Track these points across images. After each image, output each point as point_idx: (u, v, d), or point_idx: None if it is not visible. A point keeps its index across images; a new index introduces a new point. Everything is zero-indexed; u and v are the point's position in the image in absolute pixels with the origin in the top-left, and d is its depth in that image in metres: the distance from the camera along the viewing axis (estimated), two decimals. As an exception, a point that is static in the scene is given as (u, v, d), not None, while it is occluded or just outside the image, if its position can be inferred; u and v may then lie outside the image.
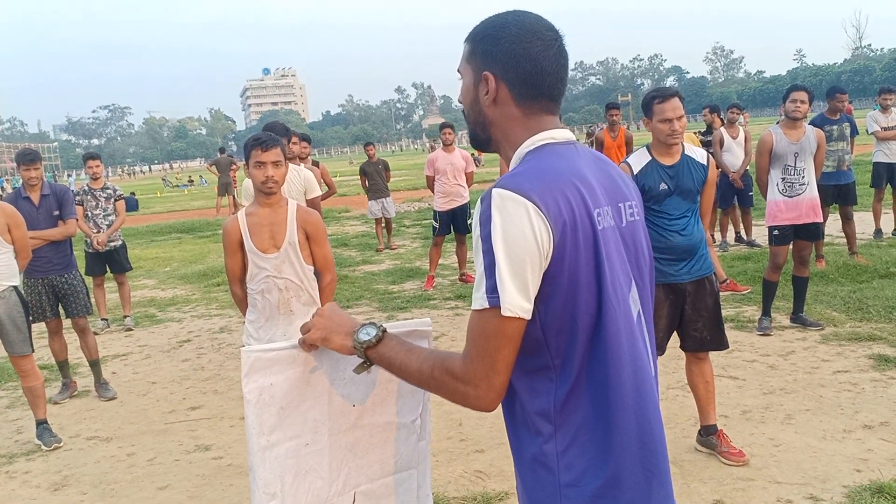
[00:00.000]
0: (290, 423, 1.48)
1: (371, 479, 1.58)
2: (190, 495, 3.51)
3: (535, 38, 1.27)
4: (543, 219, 1.15)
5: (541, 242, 1.15)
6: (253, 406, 1.44)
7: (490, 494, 3.21)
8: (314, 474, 1.51)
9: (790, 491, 3.06)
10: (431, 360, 1.26)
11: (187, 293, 8.67)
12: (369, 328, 1.35)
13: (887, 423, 3.62)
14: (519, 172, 1.22)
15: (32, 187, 4.98)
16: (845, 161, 6.95)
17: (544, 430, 1.24)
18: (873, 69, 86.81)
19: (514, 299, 1.15)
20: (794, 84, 5.36)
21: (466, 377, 1.20)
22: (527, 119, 1.30)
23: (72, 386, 5.19)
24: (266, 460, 1.47)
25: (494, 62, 1.29)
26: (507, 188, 1.17)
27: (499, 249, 1.15)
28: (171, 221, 17.65)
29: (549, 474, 1.24)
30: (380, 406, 1.56)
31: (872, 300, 5.64)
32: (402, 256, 10.04)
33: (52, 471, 3.93)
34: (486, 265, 1.16)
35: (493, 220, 1.16)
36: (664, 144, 3.32)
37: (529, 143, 1.29)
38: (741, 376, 4.46)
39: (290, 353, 1.46)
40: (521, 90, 1.28)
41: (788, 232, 5.17)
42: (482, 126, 1.34)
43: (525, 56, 1.27)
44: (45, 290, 4.98)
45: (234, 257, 2.97)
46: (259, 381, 1.44)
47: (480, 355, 1.18)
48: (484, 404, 1.21)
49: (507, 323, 1.16)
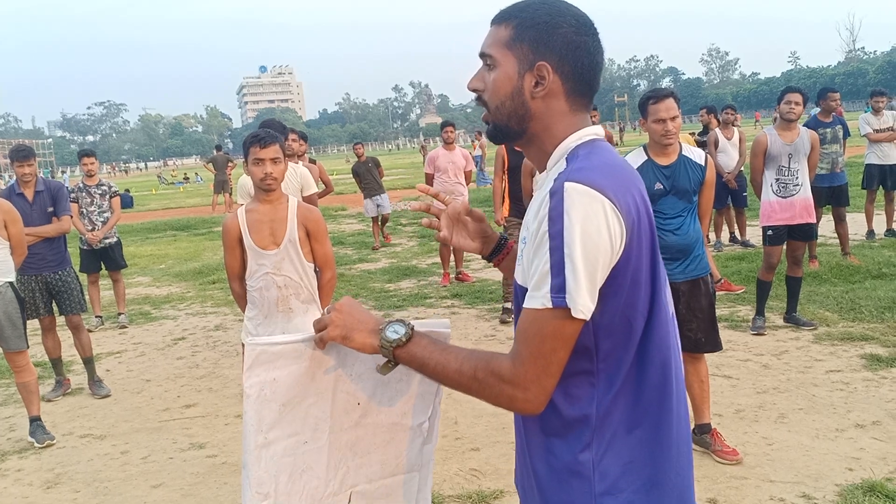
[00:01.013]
0: (290, 421, 1.42)
1: (370, 479, 1.52)
2: (184, 493, 3.51)
3: (590, 31, 1.21)
4: (619, 216, 1.10)
5: (614, 241, 1.10)
6: (253, 401, 1.39)
7: (485, 493, 3.22)
8: (310, 473, 1.46)
9: (783, 489, 3.08)
10: (473, 360, 1.18)
11: (182, 291, 8.65)
12: (397, 326, 1.27)
13: (879, 423, 3.65)
14: (588, 167, 1.14)
15: (26, 184, 4.96)
16: (838, 163, 6.99)
17: (582, 437, 1.17)
18: (866, 72, 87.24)
19: (587, 301, 1.09)
20: (788, 86, 5.38)
21: (516, 380, 1.13)
22: (572, 115, 1.23)
23: (65, 384, 5.18)
24: (262, 459, 1.41)
25: (551, 52, 1.19)
26: (582, 182, 1.09)
27: (573, 247, 1.07)
28: (167, 219, 17.60)
29: (584, 483, 1.18)
30: (386, 406, 1.49)
31: (865, 300, 5.67)
32: (399, 255, 10.04)
33: (44, 469, 3.92)
34: (554, 263, 1.08)
35: (567, 216, 1.08)
36: (659, 144, 3.33)
37: (576, 137, 1.22)
38: (735, 375, 4.48)
39: (296, 346, 1.39)
40: (573, 84, 1.21)
41: (782, 232, 5.19)
42: (519, 119, 1.23)
43: (584, 51, 1.19)
44: (38, 286, 4.97)
45: (233, 254, 2.97)
46: (262, 376, 1.38)
47: (534, 357, 1.12)
48: (532, 408, 1.15)
49: (568, 325, 1.10)
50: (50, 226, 4.97)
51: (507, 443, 3.67)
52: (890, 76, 79.73)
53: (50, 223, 4.99)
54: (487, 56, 1.24)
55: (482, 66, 1.25)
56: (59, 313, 5.09)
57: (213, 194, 19.03)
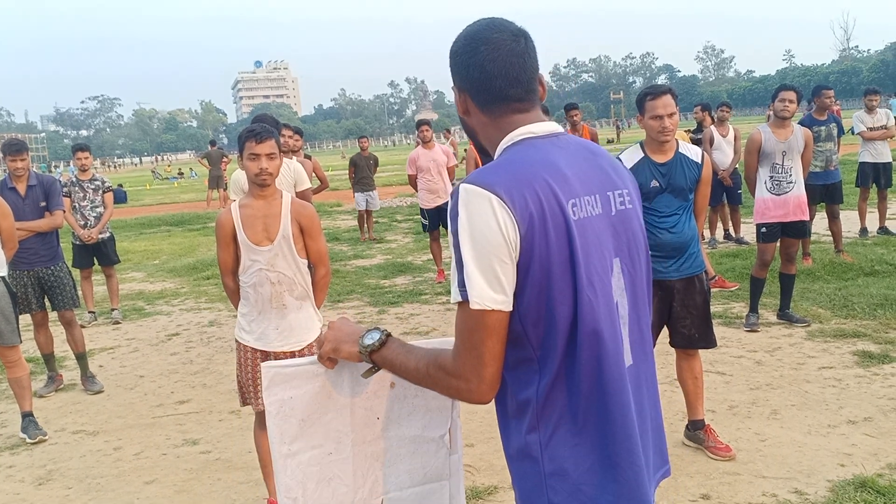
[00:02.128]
0: (312, 434, 1.50)
1: (400, 487, 1.57)
2: (177, 489, 3.50)
3: (480, 45, 1.28)
4: (508, 211, 1.16)
5: (506, 234, 1.16)
6: (274, 417, 1.48)
7: (479, 488, 3.22)
8: (338, 481, 1.53)
9: (775, 485, 3.09)
10: (427, 358, 1.28)
11: (176, 286, 8.62)
12: (373, 333, 1.37)
13: (871, 419, 3.67)
14: (487, 167, 1.24)
15: (19, 178, 4.93)
16: (832, 161, 7.01)
17: (529, 420, 1.25)
18: (860, 70, 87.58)
19: (483, 292, 1.16)
20: (783, 84, 5.40)
21: (457, 371, 1.21)
22: (497, 122, 1.32)
23: (57, 379, 5.15)
24: (287, 467, 1.49)
25: (456, 76, 1.34)
26: (472, 183, 1.20)
27: (465, 243, 1.17)
28: (161, 214, 17.52)
29: (534, 464, 1.25)
30: (406, 420, 1.56)
31: (857, 297, 5.69)
32: (394, 251, 10.04)
33: (36, 465, 3.90)
34: (456, 259, 1.19)
35: (459, 215, 1.18)
36: (656, 141, 3.33)
37: (507, 139, 1.31)
38: (728, 372, 4.50)
39: (308, 368, 1.49)
40: (479, 97, 1.31)
41: (776, 229, 5.21)
42: (471, 135, 1.39)
43: (473, 65, 1.29)
44: (30, 281, 4.94)
45: (226, 249, 2.95)
46: (279, 395, 1.47)
47: (467, 349, 1.20)
48: (477, 397, 1.23)
49: (484, 315, 1.17)
50: (42, 220, 4.94)
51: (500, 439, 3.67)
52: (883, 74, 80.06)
53: (42, 218, 4.95)
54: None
55: None
56: (52, 309, 5.07)
57: (207, 189, 18.97)
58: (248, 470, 3.59)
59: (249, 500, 3.35)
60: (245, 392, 3.06)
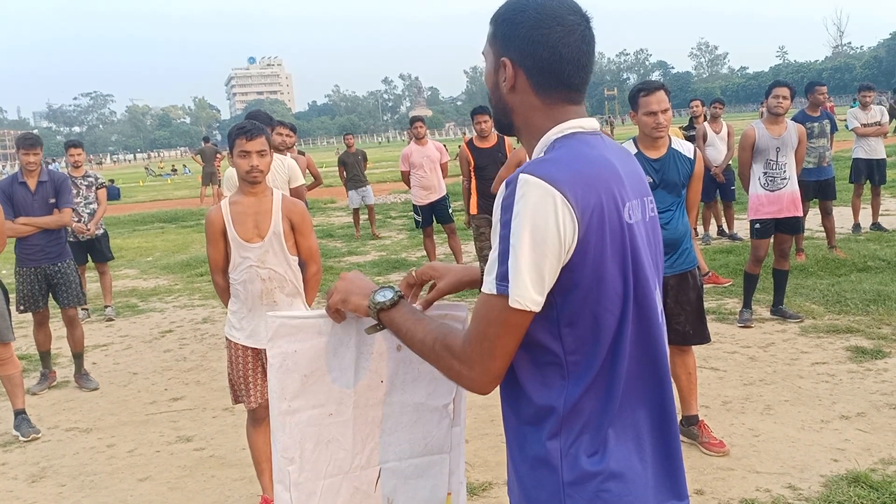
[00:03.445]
0: (314, 392, 1.47)
1: (399, 457, 1.54)
2: (171, 487, 3.49)
3: (554, 24, 1.20)
4: (571, 211, 1.10)
5: (564, 235, 1.10)
6: (276, 370, 1.45)
7: (474, 485, 3.22)
8: (336, 444, 1.50)
9: (769, 480, 3.10)
10: (435, 332, 1.23)
11: (170, 283, 8.59)
12: (386, 290, 1.32)
13: (864, 414, 3.68)
14: (549, 159, 1.17)
15: (30, 172, 4.87)
16: (825, 157, 7.03)
17: (550, 428, 1.19)
18: (853, 67, 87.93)
19: (526, 292, 1.11)
20: (776, 80, 5.41)
21: (463, 356, 1.18)
22: (548, 108, 1.24)
23: (50, 377, 5.12)
24: (286, 425, 1.46)
25: (512, 48, 1.23)
26: (535, 175, 1.11)
27: (518, 238, 1.10)
28: (154, 211, 17.46)
29: (553, 472, 1.20)
30: (410, 385, 1.52)
31: (850, 293, 5.72)
32: (388, 248, 10.02)
33: (29, 462, 3.88)
34: (501, 251, 1.12)
35: (516, 207, 1.11)
36: (650, 137, 3.33)
37: (557, 130, 1.23)
38: (722, 367, 4.51)
39: (315, 322, 1.45)
40: (539, 79, 1.22)
41: (770, 225, 5.23)
42: (504, 112, 1.29)
43: (543, 43, 1.20)
44: (36, 279, 4.88)
45: (216, 247, 2.94)
46: (283, 347, 1.44)
47: (479, 338, 1.16)
48: (477, 386, 1.19)
49: (512, 313, 1.12)
50: (49, 217, 4.87)
51: (495, 435, 3.68)
52: (876, 71, 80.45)
53: (51, 214, 4.91)
54: (483, 53, 1.31)
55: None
56: (57, 306, 5.02)
57: (201, 186, 18.90)
58: (241, 467, 3.58)
59: (243, 497, 3.34)
60: (237, 390, 3.05)
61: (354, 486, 1.52)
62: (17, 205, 4.78)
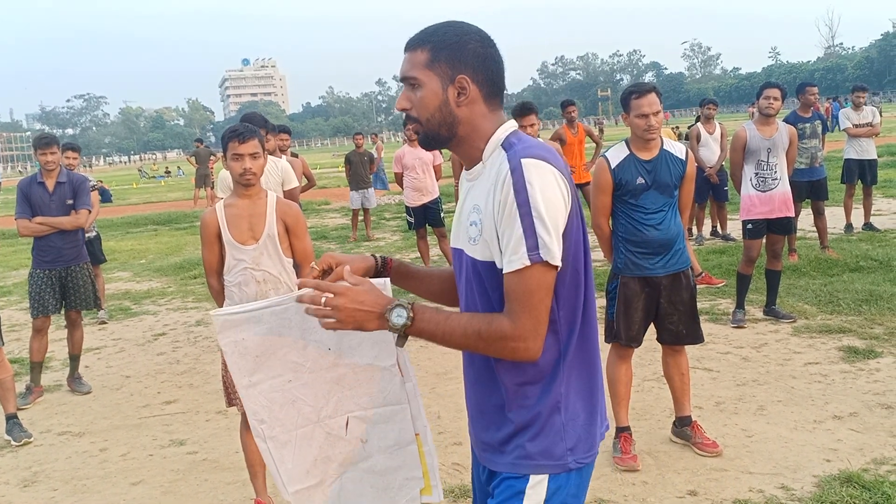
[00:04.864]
0: (270, 366, 1.61)
1: (363, 407, 1.68)
2: (164, 491, 3.48)
3: (489, 42, 1.43)
4: (565, 181, 1.36)
5: (566, 200, 1.35)
6: (231, 356, 1.60)
7: (468, 487, 3.21)
8: (301, 402, 1.65)
9: (762, 481, 3.11)
10: (475, 325, 1.36)
11: (163, 286, 8.56)
12: (399, 310, 1.39)
13: (856, 414, 3.70)
14: (531, 146, 1.38)
15: (49, 172, 4.84)
16: (817, 158, 7.06)
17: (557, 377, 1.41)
18: (845, 67, 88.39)
19: (557, 250, 1.32)
20: (767, 81, 5.44)
21: (517, 334, 1.33)
22: (492, 114, 1.44)
23: (35, 392, 4.93)
24: (250, 395, 1.63)
25: (465, 65, 1.40)
26: (534, 157, 1.34)
27: (540, 210, 1.30)
28: (148, 213, 17.38)
29: (557, 415, 1.41)
30: (357, 349, 1.65)
31: (843, 293, 5.74)
32: (382, 249, 10.01)
33: (21, 467, 3.86)
34: (526, 226, 1.30)
35: (530, 186, 1.31)
36: (641, 139, 3.34)
37: (503, 130, 1.43)
38: (715, 368, 4.52)
39: (253, 314, 1.59)
40: (487, 89, 1.43)
41: (762, 226, 5.25)
42: (448, 126, 1.43)
43: (490, 58, 1.42)
44: (50, 282, 4.85)
45: (211, 249, 2.94)
46: (232, 337, 1.59)
47: (528, 310, 1.32)
48: (532, 354, 1.36)
49: (547, 274, 1.32)
50: (65, 218, 4.84)
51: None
52: (868, 71, 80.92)
53: (68, 216, 4.88)
54: (411, 78, 1.44)
55: (406, 87, 1.45)
56: (66, 307, 4.99)
57: (194, 188, 18.84)
58: (235, 470, 3.57)
59: (236, 501, 3.33)
60: (231, 393, 3.04)
61: (326, 432, 1.68)
62: (35, 204, 4.78)
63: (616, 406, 3.46)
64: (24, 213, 4.77)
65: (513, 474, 1.44)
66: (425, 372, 4.74)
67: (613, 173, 3.33)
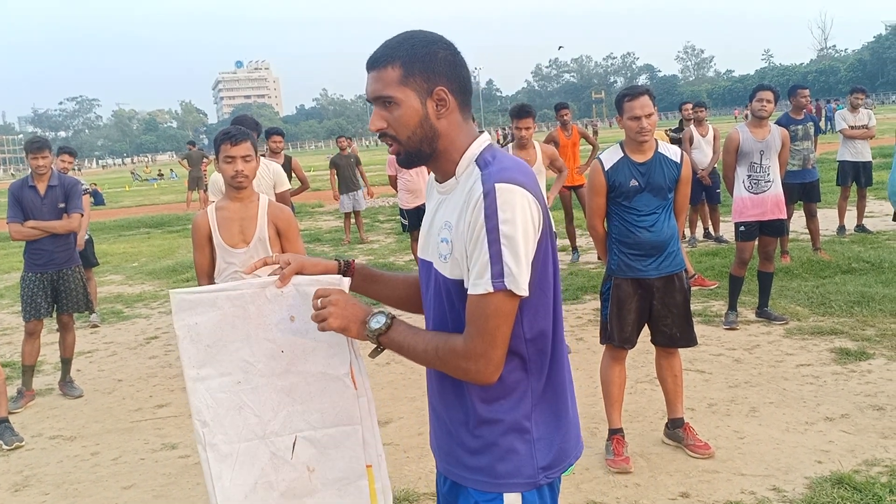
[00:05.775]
0: (220, 360, 1.58)
1: (313, 426, 1.61)
2: (156, 494, 3.46)
3: (456, 49, 1.40)
4: (538, 206, 1.33)
5: (537, 226, 1.33)
6: (182, 341, 1.57)
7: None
8: (248, 410, 1.60)
9: (754, 482, 3.12)
10: (435, 341, 1.38)
11: (155, 289, 8.52)
12: (379, 317, 1.43)
13: (848, 416, 3.71)
14: (506, 168, 1.33)
15: (40, 176, 4.81)
16: (810, 160, 7.10)
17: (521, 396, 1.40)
18: (838, 69, 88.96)
19: (522, 280, 1.29)
20: (760, 84, 5.46)
21: (468, 354, 1.33)
22: (465, 124, 1.41)
23: (27, 396, 4.91)
24: (196, 391, 1.58)
25: (440, 77, 1.36)
26: (508, 182, 1.30)
27: (512, 237, 1.27)
28: (140, 216, 17.32)
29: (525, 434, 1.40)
30: (310, 355, 1.60)
31: (835, 295, 5.77)
32: (376, 251, 10.00)
33: (12, 471, 3.83)
34: (493, 253, 1.28)
35: (501, 212, 1.27)
36: (635, 141, 3.35)
37: (477, 144, 1.40)
38: (707, 370, 4.53)
39: (210, 296, 1.58)
40: (461, 97, 1.40)
41: (754, 228, 5.27)
42: (430, 141, 1.39)
43: (460, 65, 1.39)
44: (42, 285, 4.83)
45: (202, 252, 2.93)
46: (186, 320, 1.56)
47: (481, 334, 1.31)
48: (483, 377, 1.34)
49: (509, 302, 1.30)
50: (57, 222, 4.82)
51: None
52: (861, 73, 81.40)
53: (60, 219, 4.85)
54: (385, 98, 1.37)
55: (378, 107, 1.40)
56: (58, 311, 4.96)
57: (187, 191, 18.78)
58: (227, 474, 3.56)
59: (229, 505, 3.31)
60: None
61: (272, 452, 1.61)
62: (27, 208, 4.75)
63: (609, 408, 3.46)
64: (16, 216, 4.75)
65: (485, 493, 1.41)
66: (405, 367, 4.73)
67: (607, 175, 3.34)
